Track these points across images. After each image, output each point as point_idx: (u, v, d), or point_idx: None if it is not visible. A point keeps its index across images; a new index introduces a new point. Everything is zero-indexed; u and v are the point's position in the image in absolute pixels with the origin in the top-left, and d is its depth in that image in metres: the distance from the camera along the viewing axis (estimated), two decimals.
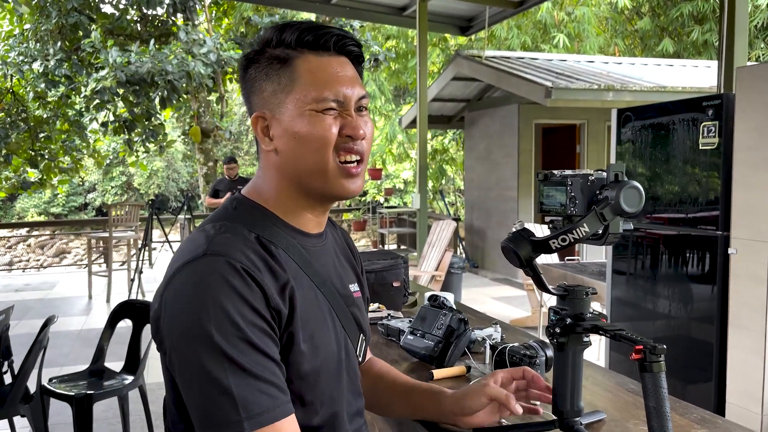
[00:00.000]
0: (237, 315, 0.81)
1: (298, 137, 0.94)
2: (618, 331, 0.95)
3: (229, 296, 0.82)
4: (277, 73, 0.95)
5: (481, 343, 1.54)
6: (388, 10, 8.02)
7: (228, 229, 0.90)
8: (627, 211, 0.95)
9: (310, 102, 0.94)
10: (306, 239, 0.99)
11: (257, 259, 0.87)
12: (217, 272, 0.83)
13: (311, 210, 1.00)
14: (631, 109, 3.03)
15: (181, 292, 0.84)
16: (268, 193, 0.99)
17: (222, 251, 0.85)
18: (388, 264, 1.99)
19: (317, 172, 0.95)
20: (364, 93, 0.99)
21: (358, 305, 1.07)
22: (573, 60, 8.79)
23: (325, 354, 0.94)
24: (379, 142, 14.56)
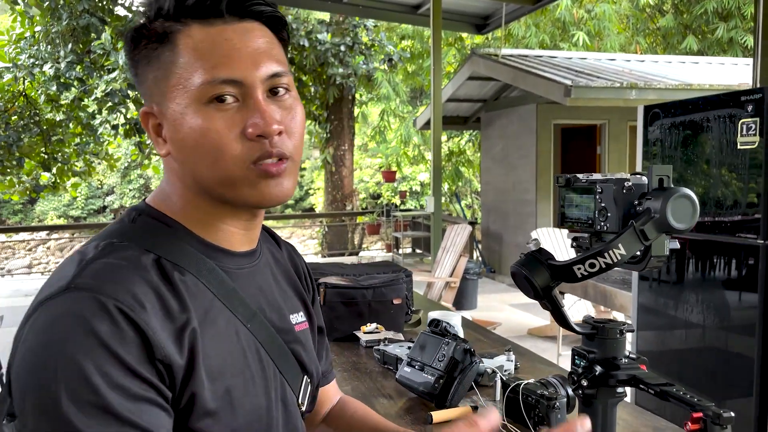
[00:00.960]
0: (98, 375, 0.59)
1: (185, 143, 0.71)
2: (665, 387, 0.72)
3: (89, 350, 0.60)
4: (157, 55, 0.72)
5: (491, 375, 1.32)
6: (402, 8, 7.83)
7: (113, 251, 0.69)
8: (676, 227, 0.73)
9: (193, 93, 0.70)
10: (229, 259, 0.77)
11: (146, 293, 0.65)
12: (78, 315, 0.62)
13: (234, 221, 0.78)
14: (659, 105, 2.78)
15: (32, 342, 0.63)
16: (176, 201, 0.76)
17: (91, 285, 0.64)
18: (389, 279, 1.77)
19: (222, 184, 0.72)
20: (278, 68, 0.73)
21: (301, 341, 0.84)
22: (593, 58, 8.50)
23: (249, 412, 0.72)
24: (394, 144, 14.35)
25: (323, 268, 1.91)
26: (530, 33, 11.12)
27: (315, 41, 10.43)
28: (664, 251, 0.76)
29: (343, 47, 10.54)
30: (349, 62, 10.73)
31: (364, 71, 10.82)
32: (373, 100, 12.43)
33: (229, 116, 0.70)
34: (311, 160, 21.22)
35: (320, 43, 10.46)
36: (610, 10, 11.27)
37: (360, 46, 10.78)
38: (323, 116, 11.50)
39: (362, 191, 16.33)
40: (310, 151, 21.14)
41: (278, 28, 0.77)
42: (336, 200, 11.54)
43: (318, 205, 19.50)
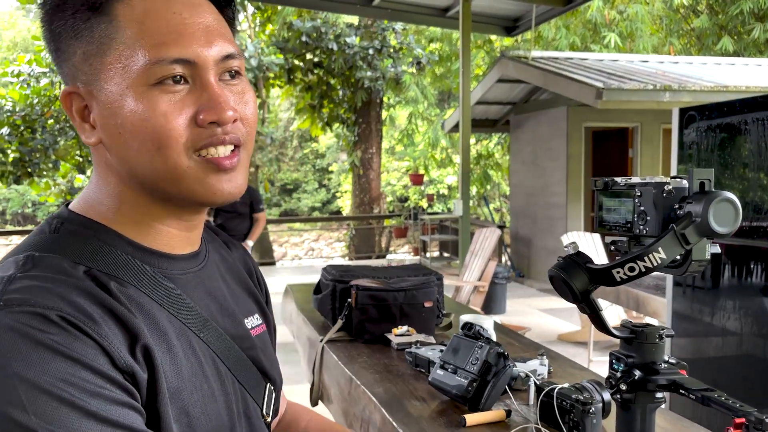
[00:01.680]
0: (67, 386, 0.53)
1: (123, 129, 0.62)
2: (706, 393, 0.71)
3: (46, 363, 0.52)
4: (88, 26, 0.62)
5: (525, 379, 1.31)
6: (431, 11, 7.83)
7: (37, 264, 0.59)
8: (718, 232, 0.72)
9: (136, 73, 0.61)
10: (170, 264, 0.69)
11: (89, 304, 0.57)
12: (19, 330, 0.53)
13: (174, 221, 0.69)
14: (695, 108, 2.74)
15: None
16: (107, 201, 0.67)
17: (24, 299, 0.55)
18: (420, 282, 1.77)
19: (164, 178, 0.64)
20: (231, 50, 0.65)
21: (259, 344, 0.77)
22: (625, 60, 8.39)
23: (207, 426, 0.65)
24: (422, 146, 14.34)
25: (354, 270, 1.92)
26: (560, 35, 11.02)
27: (343, 45, 10.49)
28: (705, 255, 0.75)
29: (372, 50, 10.58)
30: (377, 65, 10.76)
31: (393, 74, 10.84)
32: (401, 103, 12.44)
33: (177, 99, 0.62)
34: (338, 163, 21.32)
35: (349, 47, 10.51)
36: (642, 11, 11.10)
37: (388, 49, 10.81)
38: (351, 119, 11.55)
39: (389, 194, 16.36)
40: (337, 154, 21.25)
41: (222, 5, 0.69)
42: (363, 203, 11.57)
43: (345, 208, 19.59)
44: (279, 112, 20.28)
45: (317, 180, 23.93)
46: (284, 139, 23.22)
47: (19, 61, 10.11)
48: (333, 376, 1.62)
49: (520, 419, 1.20)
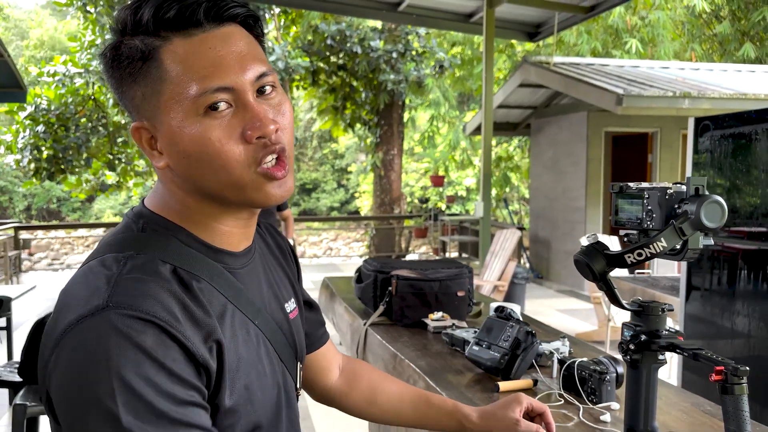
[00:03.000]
0: (148, 386, 0.63)
1: (188, 154, 0.73)
2: (697, 351, 0.91)
3: (138, 363, 0.63)
4: (143, 72, 0.72)
5: (549, 356, 1.51)
6: (455, 17, 8.02)
7: (137, 266, 0.70)
8: (708, 226, 0.92)
9: (188, 105, 0.71)
10: (233, 260, 0.80)
11: (175, 306, 0.68)
12: (123, 332, 0.64)
13: (233, 221, 0.80)
14: (710, 117, 2.90)
15: (77, 362, 0.64)
16: (174, 205, 0.78)
17: (129, 303, 0.65)
18: (453, 273, 1.98)
19: (229, 189, 0.74)
20: (263, 69, 0.75)
21: (295, 328, 0.90)
22: (646, 66, 8.51)
23: (264, 403, 0.78)
24: (442, 148, 14.52)
25: (393, 263, 2.13)
26: (582, 40, 11.15)
27: (367, 48, 10.71)
28: (698, 245, 0.94)
29: (395, 54, 10.79)
30: (400, 68, 10.97)
31: (415, 77, 11.04)
32: (423, 105, 12.64)
33: (225, 123, 0.72)
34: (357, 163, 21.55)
35: (372, 50, 10.73)
36: (664, 17, 11.19)
37: (411, 52, 11.01)
38: (373, 121, 11.78)
39: (408, 195, 16.56)
40: (356, 155, 21.48)
41: (252, 26, 0.77)
42: (384, 203, 11.78)
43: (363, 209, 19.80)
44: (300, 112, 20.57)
45: (336, 180, 24.20)
46: (304, 140, 23.51)
47: (54, 62, 10.45)
48: (377, 353, 1.84)
49: (545, 387, 1.41)
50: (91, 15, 10.06)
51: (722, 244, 2.93)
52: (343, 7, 7.94)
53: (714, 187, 2.93)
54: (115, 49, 0.73)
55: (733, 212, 2.84)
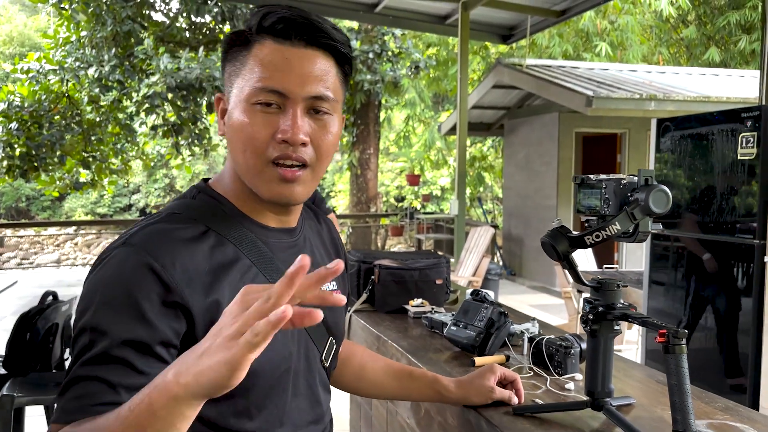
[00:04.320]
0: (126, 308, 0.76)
1: (232, 131, 0.86)
2: (645, 319, 1.06)
3: (125, 290, 0.76)
4: (236, 56, 0.87)
5: (520, 335, 1.65)
6: (431, 18, 8.16)
7: (171, 219, 0.84)
8: (655, 212, 1.06)
9: (248, 92, 0.84)
10: (268, 233, 0.91)
11: (181, 253, 0.80)
12: (124, 266, 0.78)
13: (267, 207, 0.91)
14: (671, 119, 3.09)
15: (99, 275, 0.80)
16: (228, 183, 0.91)
17: (140, 243, 0.79)
18: (432, 263, 2.11)
19: (247, 173, 0.87)
20: (323, 92, 0.85)
21: (328, 307, 1.01)
22: (615, 69, 8.78)
23: (266, 360, 0.81)
24: (417, 148, 14.69)
25: (376, 254, 2.26)
26: (554, 43, 11.40)
27: None
28: (648, 228, 1.09)
29: (371, 54, 10.92)
30: (376, 69, 11.09)
31: (391, 78, 11.18)
32: (399, 105, 12.79)
33: (268, 118, 0.84)
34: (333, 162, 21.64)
35: None
36: (633, 21, 11.51)
37: (387, 53, 11.15)
38: (350, 121, 11.89)
39: (384, 194, 16.70)
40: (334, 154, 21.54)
41: (342, 62, 0.89)
42: (360, 202, 11.90)
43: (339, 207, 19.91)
44: None
45: None
46: None
47: (28, 58, 10.35)
48: (361, 337, 1.96)
49: (516, 363, 1.55)
50: (66, 12, 9.99)
51: (681, 239, 3.11)
52: (320, 8, 8.03)
53: (675, 186, 3.12)
54: (232, 34, 0.89)
55: (693, 209, 3.03)
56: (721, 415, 1.25)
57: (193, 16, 10.35)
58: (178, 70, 8.91)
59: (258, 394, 0.85)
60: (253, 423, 0.85)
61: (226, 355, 0.57)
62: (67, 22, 10.27)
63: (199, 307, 0.79)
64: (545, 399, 1.30)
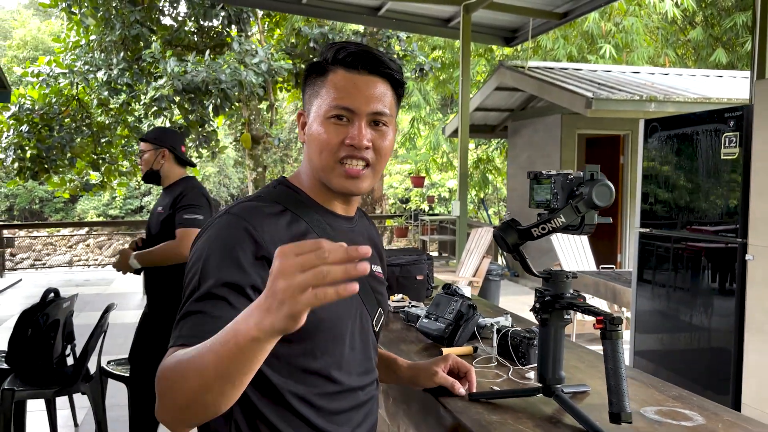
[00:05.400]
0: (228, 259, 0.97)
1: (311, 138, 1.09)
2: (587, 307, 1.11)
3: (228, 244, 0.98)
4: (315, 81, 1.10)
5: (490, 328, 1.71)
6: (434, 21, 8.23)
7: (257, 200, 1.07)
8: (598, 205, 1.12)
9: (324, 109, 1.07)
10: (333, 219, 1.13)
11: (268, 223, 1.02)
12: (226, 227, 1.01)
13: (335, 197, 1.13)
14: (658, 119, 3.13)
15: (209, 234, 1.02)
16: (304, 178, 1.14)
17: (237, 212, 1.03)
18: (413, 259, 2.17)
19: (322, 170, 1.08)
20: (382, 110, 1.08)
21: (379, 281, 1.21)
22: (618, 71, 8.79)
23: (331, 313, 1.04)
24: (423, 150, 14.75)
25: None
26: (558, 45, 11.42)
27: None
28: (593, 221, 1.15)
29: None
30: None
31: None
32: (404, 108, 12.86)
33: (339, 129, 1.07)
34: None
35: None
36: (638, 23, 11.50)
37: (392, 56, 11.21)
38: None
39: (391, 196, 16.76)
40: None
41: (397, 86, 1.13)
42: (366, 204, 11.98)
43: None
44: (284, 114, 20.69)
45: None
46: (289, 141, 23.64)
47: (39, 62, 10.51)
48: None
49: (484, 354, 1.60)
50: (76, 16, 10.14)
51: (669, 238, 3.14)
52: (325, 11, 8.12)
53: (661, 186, 3.16)
54: (312, 65, 1.12)
55: (679, 208, 3.06)
56: (671, 402, 1.29)
57: (201, 20, 10.46)
58: (185, 74, 9.01)
59: (322, 339, 1.04)
60: (316, 362, 1.04)
61: (291, 309, 0.72)
62: (76, 27, 10.42)
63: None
64: (505, 387, 1.36)
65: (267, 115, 12.03)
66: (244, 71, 9.14)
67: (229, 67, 9.13)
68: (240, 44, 9.56)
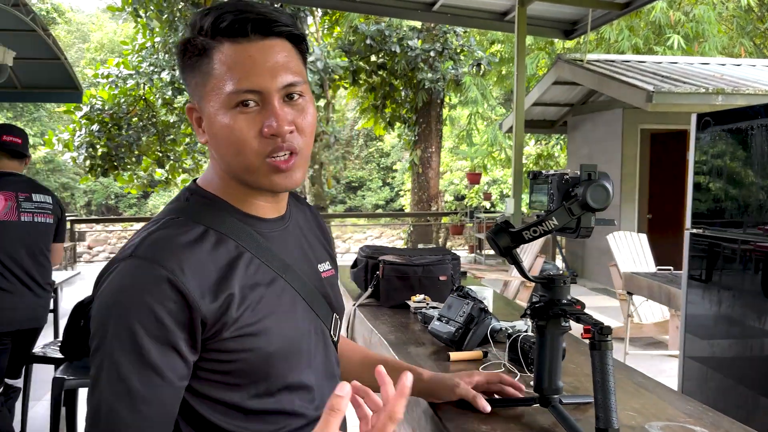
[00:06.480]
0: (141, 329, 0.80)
1: (218, 137, 0.89)
2: (579, 314, 1.04)
3: (140, 309, 0.80)
4: (198, 65, 0.89)
5: (504, 332, 1.65)
6: (490, 15, 8.07)
7: (170, 225, 0.87)
8: (593, 207, 1.05)
9: (224, 98, 0.86)
10: (262, 224, 0.95)
11: (189, 259, 0.83)
12: (136, 276, 0.82)
13: (261, 198, 0.95)
14: (711, 114, 2.94)
15: (109, 291, 0.83)
16: (217, 181, 0.95)
17: (148, 255, 0.83)
18: (436, 259, 2.12)
19: (245, 172, 0.90)
20: (293, 79, 0.89)
21: (330, 283, 1.05)
22: (684, 62, 8.38)
23: (282, 338, 0.90)
24: (483, 147, 14.54)
25: (384, 250, 2.29)
26: (622, 37, 11.00)
27: (406, 47, 10.87)
28: (590, 224, 1.08)
29: (433, 53, 10.91)
30: (438, 67, 11.07)
31: (453, 76, 11.13)
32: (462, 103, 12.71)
33: (250, 118, 0.86)
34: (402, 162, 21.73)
35: (411, 49, 10.88)
36: (709, 12, 10.93)
37: (449, 51, 11.10)
38: (412, 119, 11.92)
39: (452, 193, 16.62)
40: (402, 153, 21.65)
41: (298, 42, 0.92)
42: (422, 201, 11.92)
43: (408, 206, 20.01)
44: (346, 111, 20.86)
45: (381, 178, 24.42)
46: (350, 138, 23.81)
47: (108, 64, 11.00)
48: (359, 331, 2.00)
49: (495, 359, 1.54)
50: (142, 19, 10.55)
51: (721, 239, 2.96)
52: (378, 7, 8.10)
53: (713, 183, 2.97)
54: (183, 44, 0.90)
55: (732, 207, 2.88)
56: (683, 418, 1.21)
57: None
58: None
59: (278, 375, 0.90)
60: (274, 400, 0.91)
61: None
62: (142, 29, 10.83)
63: (212, 310, 0.83)
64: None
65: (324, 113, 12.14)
66: None
67: None
68: None
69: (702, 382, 3.12)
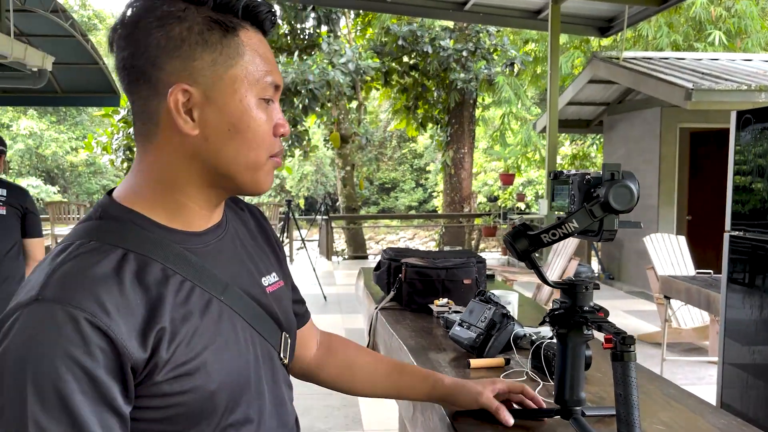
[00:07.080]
0: (64, 382, 0.65)
1: (235, 129, 0.78)
2: (601, 322, 0.99)
3: (56, 359, 0.65)
4: (220, 42, 0.77)
5: (527, 338, 1.59)
6: (522, 14, 7.96)
7: (80, 253, 0.72)
8: (616, 209, 0.99)
9: (259, 87, 0.79)
10: (194, 239, 0.82)
11: (110, 294, 0.69)
12: (47, 326, 0.66)
13: (205, 202, 0.83)
14: (751, 111, 2.82)
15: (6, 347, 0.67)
16: (143, 193, 0.80)
17: (57, 296, 0.67)
18: (460, 262, 2.07)
19: (248, 169, 0.81)
20: None
21: (276, 298, 0.92)
22: (726, 59, 8.12)
23: (223, 372, 0.78)
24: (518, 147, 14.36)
25: (408, 252, 2.25)
26: (661, 33, 10.73)
27: (438, 47, 10.80)
28: (614, 226, 1.02)
29: (465, 53, 10.82)
30: (470, 67, 10.97)
31: (485, 76, 11.02)
32: (495, 103, 12.58)
33: (269, 113, 0.81)
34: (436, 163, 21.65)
35: (443, 50, 10.81)
36: (752, 6, 10.58)
37: (482, 51, 10.99)
38: (444, 120, 11.84)
39: (485, 194, 16.46)
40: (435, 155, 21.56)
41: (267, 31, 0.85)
42: (454, 202, 11.82)
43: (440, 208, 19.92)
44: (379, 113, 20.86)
45: (414, 179, 24.36)
46: (383, 139, 23.81)
47: None
48: (381, 335, 1.96)
49: (517, 367, 1.49)
50: None
51: (762, 242, 2.83)
52: (410, 8, 8.07)
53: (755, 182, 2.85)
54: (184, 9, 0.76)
55: None
56: None
57: (293, 22, 10.74)
58: None
59: (223, 413, 0.79)
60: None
61: None
62: None
63: (141, 352, 0.71)
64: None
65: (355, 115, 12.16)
66: (332, 71, 9.28)
67: (317, 67, 9.31)
68: (329, 44, 9.71)
69: (742, 390, 2.99)
